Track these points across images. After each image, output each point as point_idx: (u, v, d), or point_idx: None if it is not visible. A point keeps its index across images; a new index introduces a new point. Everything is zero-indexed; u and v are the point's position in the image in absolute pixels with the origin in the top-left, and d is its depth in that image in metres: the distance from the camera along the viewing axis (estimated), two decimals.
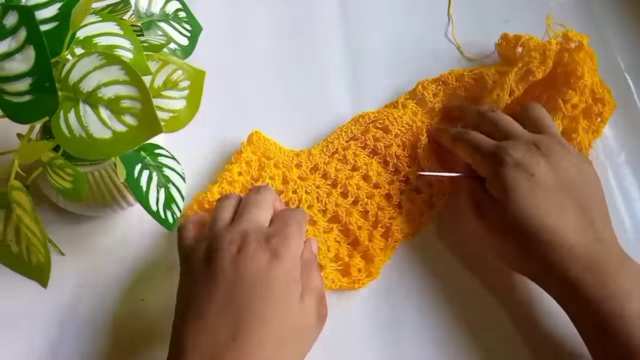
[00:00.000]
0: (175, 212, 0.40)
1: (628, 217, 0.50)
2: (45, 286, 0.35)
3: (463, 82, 0.53)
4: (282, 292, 0.36)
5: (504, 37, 0.54)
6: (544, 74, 0.50)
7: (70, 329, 0.44)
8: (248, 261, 0.36)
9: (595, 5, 0.61)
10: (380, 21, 0.60)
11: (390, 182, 0.49)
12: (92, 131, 0.32)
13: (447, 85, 0.54)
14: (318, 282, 0.39)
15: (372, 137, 0.50)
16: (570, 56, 0.50)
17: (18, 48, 0.30)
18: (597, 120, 0.52)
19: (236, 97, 0.55)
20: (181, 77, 0.38)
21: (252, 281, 0.35)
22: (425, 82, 0.54)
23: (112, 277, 0.46)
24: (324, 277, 0.45)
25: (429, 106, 0.53)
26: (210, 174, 0.50)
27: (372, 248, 0.46)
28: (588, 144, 0.51)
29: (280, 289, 0.36)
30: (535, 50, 0.50)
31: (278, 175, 0.48)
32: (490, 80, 0.52)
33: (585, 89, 0.50)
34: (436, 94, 0.53)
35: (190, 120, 0.38)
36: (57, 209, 0.46)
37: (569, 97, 0.50)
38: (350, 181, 0.48)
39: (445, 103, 0.53)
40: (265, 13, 0.60)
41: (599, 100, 0.52)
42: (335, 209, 0.48)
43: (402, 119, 0.51)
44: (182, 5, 0.45)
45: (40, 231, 0.34)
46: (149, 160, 0.40)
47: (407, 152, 0.50)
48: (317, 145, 0.51)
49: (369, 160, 0.50)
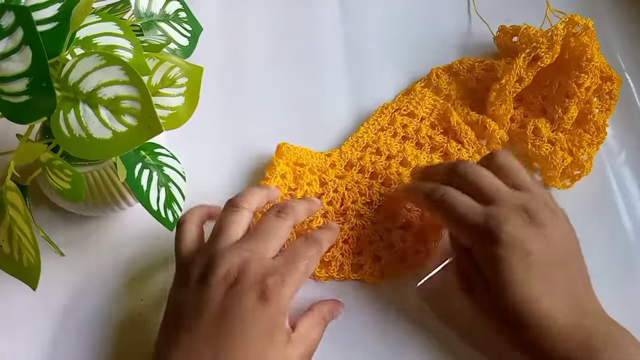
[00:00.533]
0: (176, 211, 0.40)
1: (628, 218, 0.50)
2: (34, 288, 0.34)
3: (474, 73, 0.54)
4: (264, 336, 0.35)
5: (501, 29, 0.55)
6: (552, 59, 0.49)
7: (69, 330, 0.44)
8: (236, 299, 0.35)
9: (595, 6, 0.61)
10: (380, 21, 0.60)
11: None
12: (92, 131, 0.32)
13: (458, 76, 0.54)
14: (315, 336, 0.39)
15: (400, 124, 0.51)
16: (576, 40, 0.50)
17: (15, 48, 0.30)
18: (608, 98, 0.52)
19: (236, 97, 0.55)
20: (179, 74, 0.38)
21: (237, 319, 0.35)
22: (439, 70, 0.54)
23: (112, 277, 0.46)
24: (381, 269, 0.45)
25: (445, 93, 0.54)
26: (211, 173, 0.50)
27: (425, 228, 0.46)
28: (603, 122, 0.51)
29: (261, 332, 0.35)
30: (542, 36, 0.50)
31: (315, 180, 0.48)
32: (501, 70, 0.52)
33: (596, 70, 0.50)
34: (449, 83, 0.54)
35: (189, 117, 0.38)
36: (56, 209, 0.46)
37: (582, 81, 0.49)
38: (390, 170, 0.48)
39: (459, 92, 0.54)
40: (266, 13, 0.60)
41: (607, 79, 0.52)
42: (380, 198, 0.48)
43: (424, 102, 0.51)
44: (182, 5, 0.45)
45: (31, 233, 0.34)
46: (149, 160, 0.40)
47: (439, 130, 0.51)
48: (346, 142, 0.51)
49: (401, 146, 0.50)
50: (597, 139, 0.51)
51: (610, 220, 0.49)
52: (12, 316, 0.44)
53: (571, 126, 0.51)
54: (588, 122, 0.51)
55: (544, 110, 0.52)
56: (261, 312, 0.35)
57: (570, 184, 0.50)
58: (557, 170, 0.49)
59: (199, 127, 0.46)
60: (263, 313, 0.35)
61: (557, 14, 0.52)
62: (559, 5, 0.60)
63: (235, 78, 0.56)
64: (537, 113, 0.52)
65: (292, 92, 0.55)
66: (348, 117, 0.53)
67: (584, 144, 0.50)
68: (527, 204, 0.39)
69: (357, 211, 0.47)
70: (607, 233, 0.49)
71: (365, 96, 0.55)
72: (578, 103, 0.50)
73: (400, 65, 0.57)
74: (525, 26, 0.52)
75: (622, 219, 0.49)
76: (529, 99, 0.53)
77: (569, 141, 0.50)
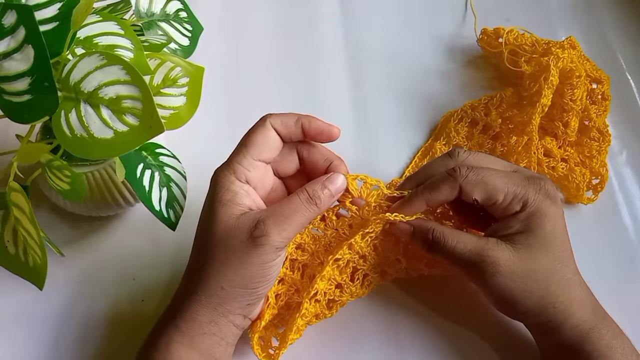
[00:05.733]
0: (177, 211, 0.40)
1: (629, 218, 0.50)
2: (41, 288, 0.34)
3: (483, 112, 0.53)
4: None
5: (484, 31, 0.56)
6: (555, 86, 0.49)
7: (69, 329, 0.44)
8: None
9: (596, 5, 0.61)
10: (381, 21, 0.60)
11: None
12: (93, 131, 0.32)
13: (477, 123, 0.53)
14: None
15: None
16: (564, 61, 0.49)
17: (17, 47, 0.30)
18: (601, 99, 0.52)
19: (236, 97, 0.55)
20: (180, 74, 0.38)
21: None
22: (458, 126, 0.53)
23: (112, 277, 0.46)
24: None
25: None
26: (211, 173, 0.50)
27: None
28: (603, 124, 0.51)
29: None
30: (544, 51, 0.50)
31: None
32: (505, 103, 0.52)
33: (585, 79, 0.50)
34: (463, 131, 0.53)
35: (190, 117, 0.38)
36: (57, 209, 0.46)
37: (576, 97, 0.49)
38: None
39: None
40: (266, 13, 0.60)
41: (595, 80, 0.52)
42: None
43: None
44: (183, 5, 0.45)
45: (37, 233, 0.33)
46: (150, 160, 0.40)
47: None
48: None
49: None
50: (604, 144, 0.51)
51: (611, 220, 0.50)
52: (13, 316, 0.44)
53: (575, 137, 0.51)
54: (590, 129, 0.51)
55: (543, 129, 0.51)
56: None
57: (594, 196, 0.50)
58: (580, 187, 0.49)
59: (200, 127, 0.46)
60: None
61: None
62: (560, 7, 0.61)
63: (236, 78, 0.56)
64: (538, 133, 0.51)
65: (292, 91, 0.55)
66: (347, 117, 0.53)
67: (593, 152, 0.50)
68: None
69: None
70: (607, 233, 0.49)
71: (365, 96, 0.55)
72: (576, 114, 0.50)
73: (401, 65, 0.57)
74: (507, 29, 0.53)
75: (623, 219, 0.49)
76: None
77: (579, 153, 0.51)
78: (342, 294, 0.42)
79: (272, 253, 0.36)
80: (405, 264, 0.43)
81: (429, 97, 0.55)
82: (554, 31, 0.59)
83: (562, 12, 0.60)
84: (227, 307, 0.36)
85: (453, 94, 0.56)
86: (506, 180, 0.38)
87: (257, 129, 0.39)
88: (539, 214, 0.38)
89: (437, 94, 0.56)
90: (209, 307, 0.36)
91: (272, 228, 0.35)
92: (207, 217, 0.37)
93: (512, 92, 0.52)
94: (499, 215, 0.39)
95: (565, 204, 0.50)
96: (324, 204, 0.38)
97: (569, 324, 0.38)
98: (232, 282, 0.36)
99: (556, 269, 0.38)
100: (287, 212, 0.36)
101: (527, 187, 0.38)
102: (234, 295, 0.36)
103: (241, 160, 0.37)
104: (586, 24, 0.59)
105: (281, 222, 0.36)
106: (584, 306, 0.38)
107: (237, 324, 0.37)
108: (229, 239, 0.35)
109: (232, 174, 0.37)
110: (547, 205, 0.38)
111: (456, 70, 0.57)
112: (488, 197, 0.38)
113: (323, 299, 0.42)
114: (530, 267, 0.37)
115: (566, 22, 0.60)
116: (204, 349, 0.36)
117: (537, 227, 0.38)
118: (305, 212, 0.37)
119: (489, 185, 0.38)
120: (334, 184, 0.39)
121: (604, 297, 0.40)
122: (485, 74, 0.57)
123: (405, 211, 0.40)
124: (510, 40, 0.53)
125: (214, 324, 0.36)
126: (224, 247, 0.36)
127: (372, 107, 0.54)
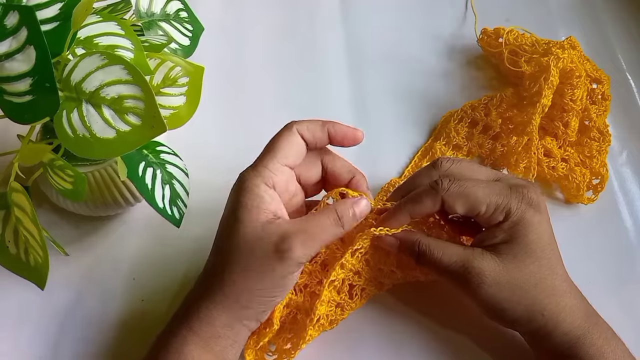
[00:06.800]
0: (181, 208, 0.40)
1: (629, 218, 0.50)
2: (42, 288, 0.34)
3: (481, 113, 0.53)
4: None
5: (484, 31, 0.56)
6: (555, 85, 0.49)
7: (70, 329, 0.44)
8: None
9: (596, 5, 0.61)
10: (381, 21, 0.60)
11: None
12: (95, 131, 0.32)
13: (477, 123, 0.53)
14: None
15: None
16: (564, 61, 0.50)
17: (19, 48, 0.30)
18: (601, 99, 0.52)
19: (237, 97, 0.55)
20: (180, 73, 0.38)
21: None
22: (458, 126, 0.53)
23: (112, 277, 0.46)
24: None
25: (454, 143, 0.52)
26: (211, 173, 0.50)
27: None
28: (604, 125, 0.51)
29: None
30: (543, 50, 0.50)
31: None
32: (518, 99, 0.52)
33: (586, 80, 0.50)
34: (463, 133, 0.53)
35: (191, 116, 0.38)
36: (57, 209, 0.46)
37: (577, 97, 0.50)
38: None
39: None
40: (267, 13, 0.60)
41: (596, 80, 0.52)
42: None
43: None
44: (183, 5, 0.45)
45: (39, 233, 0.33)
46: (152, 158, 0.40)
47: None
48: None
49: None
50: (604, 144, 0.51)
51: (611, 220, 0.50)
52: (14, 315, 0.44)
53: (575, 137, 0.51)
54: (591, 129, 0.51)
55: (544, 129, 0.51)
56: None
57: (594, 196, 0.50)
58: (580, 187, 0.49)
59: (200, 127, 0.46)
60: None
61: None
62: (560, 7, 0.61)
63: (236, 78, 0.56)
64: (538, 133, 0.51)
65: (292, 91, 0.55)
66: (348, 117, 0.53)
67: (594, 152, 0.50)
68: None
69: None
70: (608, 233, 0.49)
71: (365, 96, 0.55)
72: (576, 114, 0.50)
73: (401, 65, 0.57)
74: (507, 29, 0.53)
75: (623, 219, 0.50)
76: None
77: (579, 153, 0.51)
78: (343, 312, 0.43)
79: (294, 266, 0.36)
80: (400, 274, 0.43)
81: (429, 97, 0.56)
82: (554, 31, 0.59)
83: (562, 12, 0.61)
84: (245, 312, 0.37)
85: (453, 94, 0.56)
86: (488, 192, 0.38)
87: (283, 134, 0.39)
88: (522, 223, 0.38)
89: (437, 94, 0.56)
90: (226, 312, 0.36)
91: (297, 244, 0.36)
92: (231, 221, 0.37)
93: (512, 92, 0.52)
94: (483, 225, 0.40)
95: (565, 204, 0.50)
96: (348, 226, 0.38)
97: (560, 330, 0.38)
98: (252, 290, 0.36)
99: (543, 276, 0.38)
100: (315, 230, 0.37)
101: (510, 196, 0.38)
102: (253, 302, 0.36)
103: (267, 163, 0.38)
104: (586, 24, 0.59)
105: (307, 240, 0.36)
106: (574, 312, 0.38)
107: (251, 328, 0.38)
108: (253, 249, 0.36)
109: (259, 177, 0.37)
110: (530, 214, 0.38)
111: (456, 70, 0.57)
112: (470, 209, 0.38)
113: (325, 321, 0.42)
114: (516, 276, 0.37)
115: (566, 22, 0.60)
116: (217, 351, 0.36)
117: (521, 236, 0.38)
118: (331, 231, 0.38)
119: (471, 197, 0.38)
120: (359, 207, 0.39)
121: (604, 297, 0.40)
122: (485, 74, 0.57)
123: (390, 224, 0.40)
124: (511, 40, 0.53)
125: (229, 327, 0.37)
126: (247, 255, 0.36)
127: (372, 107, 0.55)
